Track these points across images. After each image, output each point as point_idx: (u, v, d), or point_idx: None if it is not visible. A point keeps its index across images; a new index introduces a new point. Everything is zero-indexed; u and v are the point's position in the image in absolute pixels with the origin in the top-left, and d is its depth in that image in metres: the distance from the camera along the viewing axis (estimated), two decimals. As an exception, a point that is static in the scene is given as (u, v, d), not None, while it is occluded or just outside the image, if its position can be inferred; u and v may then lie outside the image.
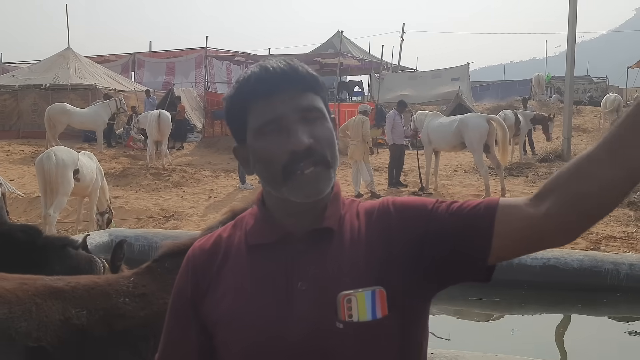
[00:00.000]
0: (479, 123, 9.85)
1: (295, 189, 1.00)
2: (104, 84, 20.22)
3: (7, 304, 1.72)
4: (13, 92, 19.62)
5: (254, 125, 1.02)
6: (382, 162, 13.06)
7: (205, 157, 15.98)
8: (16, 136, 18.42)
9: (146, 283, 1.98)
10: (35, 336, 1.70)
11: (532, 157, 14.26)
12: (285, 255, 1.03)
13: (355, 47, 30.32)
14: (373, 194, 10.21)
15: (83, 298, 1.87)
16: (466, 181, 11.51)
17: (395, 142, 11.16)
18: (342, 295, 0.97)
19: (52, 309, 1.79)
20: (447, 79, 25.42)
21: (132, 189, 11.71)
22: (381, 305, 0.97)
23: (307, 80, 1.04)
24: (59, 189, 7.42)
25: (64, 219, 9.19)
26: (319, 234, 1.04)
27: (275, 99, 1.00)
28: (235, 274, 1.06)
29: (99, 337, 1.82)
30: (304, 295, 1.00)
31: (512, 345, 4.55)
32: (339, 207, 1.08)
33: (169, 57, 27.74)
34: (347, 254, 1.02)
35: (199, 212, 9.52)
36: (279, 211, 1.06)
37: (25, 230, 2.92)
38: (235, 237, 1.11)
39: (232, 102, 1.06)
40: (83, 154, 8.16)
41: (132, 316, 1.89)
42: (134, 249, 6.05)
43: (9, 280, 1.84)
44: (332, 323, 0.97)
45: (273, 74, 1.01)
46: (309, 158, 0.99)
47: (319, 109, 1.03)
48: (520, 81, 33.00)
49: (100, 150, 15.21)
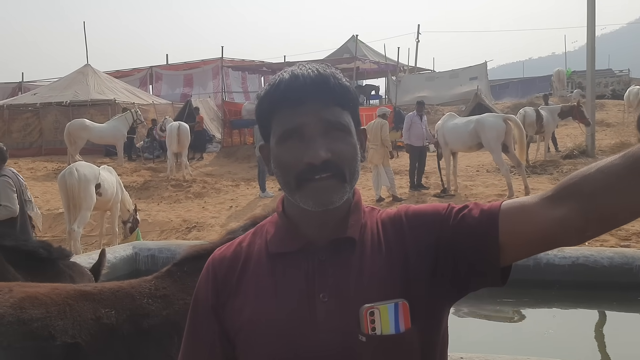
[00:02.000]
0: (495, 123, 9.72)
1: (307, 197, 0.99)
2: (122, 98, 20.49)
3: (44, 305, 1.86)
4: (35, 110, 19.98)
5: (277, 131, 1.03)
6: (403, 165, 12.96)
7: (224, 167, 16.05)
8: (39, 153, 18.73)
9: (167, 285, 2.10)
10: (71, 334, 1.84)
11: (556, 154, 14.00)
12: (307, 265, 1.02)
13: (370, 51, 30.26)
14: (395, 198, 10.12)
15: (110, 299, 2.00)
16: (489, 181, 11.35)
17: (412, 144, 11.04)
18: (365, 308, 0.95)
19: (84, 309, 1.92)
20: (465, 79, 25.24)
21: (154, 201, 11.79)
22: (404, 318, 0.96)
23: (336, 93, 1.02)
24: (81, 204, 7.50)
25: (88, 233, 9.28)
26: (340, 243, 1.03)
27: (301, 109, 1.00)
28: (257, 283, 1.04)
29: (127, 335, 1.94)
30: (325, 307, 0.98)
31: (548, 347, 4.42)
32: (361, 216, 1.07)
33: (186, 69, 28.06)
34: (369, 265, 1.01)
35: (221, 222, 9.53)
36: (299, 219, 1.05)
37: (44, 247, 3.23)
38: (256, 245, 1.10)
39: (260, 105, 1.07)
40: (103, 168, 8.25)
41: (156, 315, 2.01)
42: (157, 261, 6.07)
43: (42, 287, 2.01)
44: (354, 336, 0.96)
45: (302, 83, 1.00)
46: (325, 172, 0.98)
47: (343, 124, 1.02)
48: (540, 77, 32.62)
49: (121, 164, 15.38)
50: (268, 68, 22.18)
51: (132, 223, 8.70)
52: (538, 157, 13.08)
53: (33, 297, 1.86)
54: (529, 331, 5.14)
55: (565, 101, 22.42)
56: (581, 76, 25.72)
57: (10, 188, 5.07)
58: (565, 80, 27.23)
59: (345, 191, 1.02)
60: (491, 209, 0.98)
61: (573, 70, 30.19)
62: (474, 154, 13.04)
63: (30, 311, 1.81)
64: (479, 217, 0.98)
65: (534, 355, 3.40)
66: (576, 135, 14.49)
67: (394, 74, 26.06)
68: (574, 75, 29.33)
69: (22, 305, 1.82)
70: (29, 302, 1.84)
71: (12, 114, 20.03)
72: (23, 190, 5.34)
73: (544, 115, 13.04)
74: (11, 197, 5.05)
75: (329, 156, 0.97)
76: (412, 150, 11.03)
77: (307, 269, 1.01)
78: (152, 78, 28.13)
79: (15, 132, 19.55)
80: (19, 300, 1.83)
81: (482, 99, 18.59)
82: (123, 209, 8.53)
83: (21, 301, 1.83)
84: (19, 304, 1.82)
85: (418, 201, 9.90)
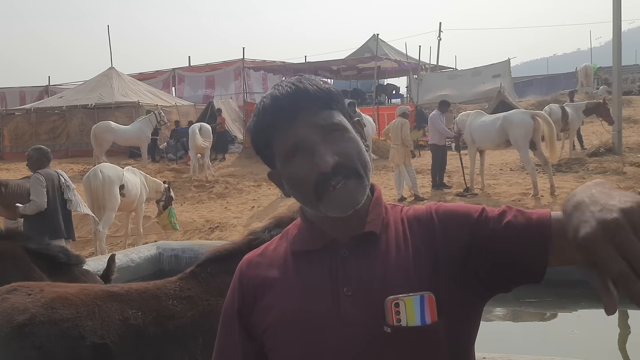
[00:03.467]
0: (523, 119, 9.57)
1: (330, 206, 1.00)
2: (146, 100, 20.76)
3: (74, 306, 1.89)
4: (61, 112, 20.36)
5: (279, 154, 1.05)
6: (425, 164, 12.87)
7: (246, 168, 16.13)
8: (65, 155, 19.06)
9: (191, 287, 2.12)
10: (100, 334, 1.86)
11: (581, 151, 13.76)
12: (330, 261, 1.04)
13: (392, 50, 30.11)
14: (417, 197, 10.05)
15: (137, 300, 2.02)
16: (513, 179, 11.20)
17: (437, 143, 10.97)
18: (389, 300, 0.96)
19: (112, 310, 1.94)
20: (488, 76, 24.94)
21: (177, 202, 11.90)
22: (430, 310, 0.96)
23: (319, 99, 1.03)
24: (106, 205, 7.61)
25: (114, 233, 9.41)
26: (362, 238, 1.05)
27: (292, 126, 1.02)
28: (283, 282, 1.07)
29: (153, 336, 1.96)
30: (350, 300, 1.00)
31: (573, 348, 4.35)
32: (381, 211, 1.09)
33: (208, 71, 28.28)
34: (392, 259, 1.02)
35: (243, 222, 9.59)
36: (320, 220, 1.07)
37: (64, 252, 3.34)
38: (282, 247, 1.13)
39: (254, 135, 1.09)
40: (127, 169, 8.35)
41: (181, 317, 2.02)
42: (181, 261, 6.12)
43: (71, 287, 2.03)
44: (380, 327, 0.97)
45: (283, 101, 1.02)
46: (338, 175, 0.99)
47: (337, 124, 1.03)
48: (565, 74, 32.01)
49: (145, 165, 15.56)
50: (289, 68, 22.22)
51: (165, 201, 8.88)
52: (563, 155, 12.87)
53: (63, 298, 1.89)
54: (554, 331, 5.06)
55: (591, 98, 22.02)
56: (607, 72, 25.21)
57: (40, 184, 5.39)
58: (592, 76, 26.71)
59: (365, 186, 1.03)
60: (541, 217, 0.97)
61: (599, 67, 29.62)
62: (497, 152, 12.89)
63: (61, 311, 1.83)
64: (525, 222, 0.97)
65: (558, 356, 3.34)
66: (602, 132, 14.21)
67: (416, 73, 25.90)
68: (600, 71, 28.76)
69: (53, 305, 1.84)
70: (60, 302, 1.87)
71: (39, 117, 20.46)
72: (64, 190, 5.57)
73: (569, 113, 12.83)
74: (40, 192, 5.37)
75: (336, 159, 0.99)
76: (436, 149, 10.95)
77: (330, 265, 1.04)
78: (175, 80, 28.43)
79: (42, 135, 19.93)
80: (50, 300, 1.86)
81: (505, 97, 18.36)
82: (153, 191, 8.78)
83: (52, 301, 1.86)
84: (50, 304, 1.84)
85: (440, 200, 9.83)
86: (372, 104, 20.63)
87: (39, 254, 3.18)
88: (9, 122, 20.86)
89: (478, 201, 9.40)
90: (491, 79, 24.20)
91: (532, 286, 1.03)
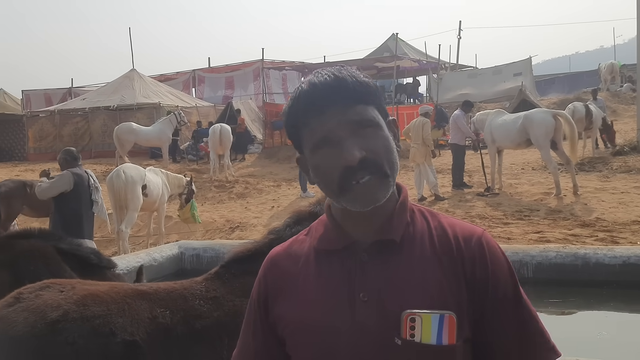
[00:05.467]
0: (544, 118, 9.44)
1: (352, 199, 1.00)
2: (167, 101, 20.95)
3: (105, 303, 1.92)
4: (84, 114, 20.66)
5: (308, 142, 1.05)
6: (445, 163, 12.79)
7: (266, 168, 16.20)
8: (89, 156, 19.32)
9: (216, 287, 2.14)
10: (130, 331, 1.89)
11: (605, 150, 13.55)
12: (349, 264, 1.04)
13: (411, 49, 29.96)
14: (437, 197, 10.00)
15: (165, 300, 2.04)
16: (534, 179, 11.08)
17: (457, 142, 10.89)
18: (406, 314, 0.95)
19: (141, 308, 1.98)
20: (509, 75, 24.69)
21: (198, 202, 11.98)
22: (449, 331, 0.95)
23: (357, 92, 1.02)
24: (129, 204, 7.70)
25: (136, 233, 9.52)
26: (382, 245, 1.03)
27: (325, 116, 1.01)
28: (304, 280, 1.08)
29: (181, 335, 1.98)
30: (365, 306, 0.99)
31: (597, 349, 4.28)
32: (405, 217, 1.07)
33: (227, 72, 28.44)
34: (414, 270, 1.01)
35: (263, 221, 9.63)
36: (344, 218, 1.07)
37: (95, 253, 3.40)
38: (307, 243, 1.13)
39: (287, 120, 1.09)
40: (149, 170, 8.44)
41: (207, 317, 2.05)
42: (202, 260, 6.17)
43: (101, 285, 2.07)
44: (391, 338, 0.96)
45: (321, 90, 1.02)
46: (363, 170, 0.98)
47: (370, 120, 1.02)
48: (588, 72, 31.50)
49: (166, 165, 15.71)
50: (309, 69, 22.25)
51: (187, 194, 9.03)
52: (586, 154, 12.68)
53: (94, 295, 1.93)
54: (580, 332, 4.99)
55: (614, 96, 21.66)
56: (631, 69, 24.73)
57: (63, 181, 5.52)
58: (618, 74, 26.22)
59: (389, 185, 1.02)
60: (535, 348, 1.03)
61: (622, 64, 29.09)
62: (518, 152, 12.75)
63: (93, 308, 1.86)
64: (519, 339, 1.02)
65: (583, 356, 3.30)
66: (627, 131, 13.99)
67: (435, 72, 25.74)
68: (624, 68, 28.22)
69: (85, 302, 1.88)
70: (91, 299, 1.90)
71: (62, 118, 20.80)
72: (92, 191, 5.67)
73: (593, 111, 12.65)
74: (56, 187, 5.51)
75: (363, 154, 0.98)
76: (457, 149, 10.88)
77: (349, 268, 1.03)
78: (195, 81, 28.66)
79: (66, 136, 20.26)
80: (81, 297, 1.89)
81: (526, 95, 18.14)
82: (175, 187, 8.93)
83: (84, 298, 1.89)
84: (82, 301, 1.88)
85: (461, 200, 9.76)
86: (391, 104, 20.56)
87: (70, 254, 3.22)
88: (33, 124, 21.26)
89: (499, 201, 9.32)
90: (512, 78, 23.95)
91: (556, 286, 1.03)
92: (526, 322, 1.02)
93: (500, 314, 1.01)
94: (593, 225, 7.22)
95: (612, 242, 6.33)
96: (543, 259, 5.07)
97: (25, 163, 19.10)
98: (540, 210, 8.48)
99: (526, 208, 8.71)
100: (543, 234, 6.90)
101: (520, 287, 1.04)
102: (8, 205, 7.73)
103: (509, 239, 6.80)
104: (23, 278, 2.35)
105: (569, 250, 5.14)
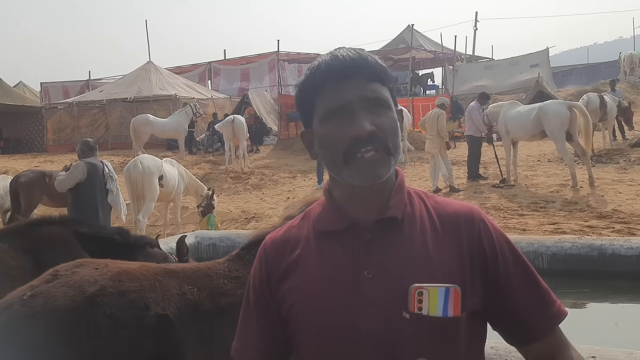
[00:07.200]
0: (559, 110, 9.36)
1: (354, 172, 1.02)
2: (183, 93, 21.09)
3: (137, 279, 2.02)
4: (101, 106, 20.87)
5: (321, 110, 1.06)
6: (460, 155, 12.74)
7: (282, 159, 16.25)
8: (106, 148, 19.52)
9: (238, 267, 2.24)
10: (162, 306, 1.99)
11: (623, 142, 13.38)
12: (352, 244, 1.05)
13: (426, 40, 29.80)
14: (452, 189, 9.98)
15: (192, 277, 2.15)
16: (550, 171, 11.00)
17: (473, 134, 10.85)
18: (413, 287, 0.98)
19: (171, 285, 2.08)
20: (526, 66, 24.47)
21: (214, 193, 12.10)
22: (454, 304, 0.98)
23: (376, 70, 1.06)
24: (146, 195, 7.79)
25: (153, 223, 9.64)
26: (384, 223, 1.06)
27: (343, 86, 1.03)
28: (305, 262, 1.09)
29: (208, 310, 2.08)
30: (370, 283, 1.02)
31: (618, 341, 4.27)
32: (403, 197, 1.10)
33: (243, 64, 28.49)
34: (416, 246, 1.04)
35: (278, 212, 9.69)
36: (345, 199, 1.09)
37: (120, 233, 3.42)
38: (305, 227, 1.14)
39: (302, 88, 1.11)
40: (166, 161, 8.53)
41: (231, 294, 2.13)
42: (218, 250, 6.24)
43: (131, 264, 2.17)
44: (398, 312, 0.99)
45: (343, 62, 1.05)
46: (370, 144, 1.01)
47: (384, 99, 1.05)
48: (606, 63, 31.02)
49: (182, 157, 15.83)
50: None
51: (205, 207, 8.92)
52: (605, 146, 12.54)
53: (127, 272, 2.03)
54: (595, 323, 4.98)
55: (633, 87, 21.34)
56: (651, 61, 24.35)
57: (78, 171, 5.69)
58: (637, 64, 25.82)
59: (391, 165, 1.05)
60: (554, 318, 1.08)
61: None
62: (534, 143, 12.65)
63: (127, 284, 1.96)
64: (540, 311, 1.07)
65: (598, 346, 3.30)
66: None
67: (451, 64, 25.56)
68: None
69: (120, 278, 1.97)
70: (125, 275, 2.00)
71: (80, 110, 21.03)
72: (107, 180, 5.79)
73: (607, 102, 12.46)
74: (71, 178, 5.68)
75: (373, 129, 1.01)
76: (473, 140, 10.83)
77: (352, 247, 1.05)
78: (211, 73, 28.76)
79: (83, 128, 20.49)
80: (116, 273, 1.99)
81: (543, 87, 17.97)
82: (193, 191, 9.01)
83: (118, 274, 1.99)
84: (117, 277, 1.97)
85: (476, 191, 9.74)
86: (407, 95, 20.47)
87: (94, 237, 3.28)
88: (52, 116, 21.52)
89: (514, 192, 9.29)
90: (529, 69, 23.74)
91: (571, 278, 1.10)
92: (535, 282, 1.08)
93: (511, 280, 1.06)
94: (610, 217, 7.17)
95: (629, 233, 6.29)
96: (558, 250, 5.05)
97: (45, 154, 19.36)
98: (556, 201, 8.44)
99: (542, 200, 8.66)
100: (559, 226, 6.87)
101: (520, 252, 1.10)
102: (28, 194, 7.89)
103: (524, 230, 6.78)
104: (44, 264, 2.42)
105: (584, 241, 5.11)
